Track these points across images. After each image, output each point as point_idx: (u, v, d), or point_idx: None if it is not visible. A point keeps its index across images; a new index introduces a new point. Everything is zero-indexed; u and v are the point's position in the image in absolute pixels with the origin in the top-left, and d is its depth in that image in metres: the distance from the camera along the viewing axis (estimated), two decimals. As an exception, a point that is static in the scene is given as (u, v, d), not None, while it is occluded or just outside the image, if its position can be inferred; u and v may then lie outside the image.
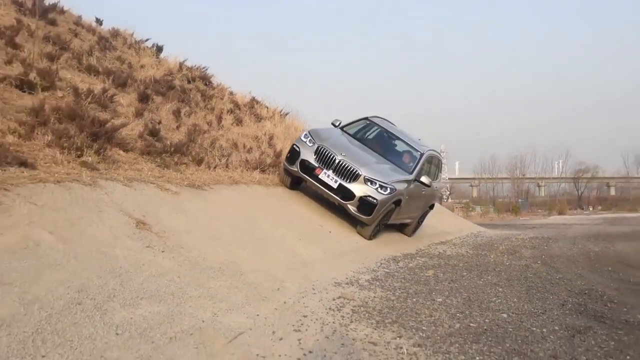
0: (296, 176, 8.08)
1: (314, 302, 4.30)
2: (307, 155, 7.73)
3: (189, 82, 10.97)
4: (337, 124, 8.98)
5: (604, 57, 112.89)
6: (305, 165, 7.72)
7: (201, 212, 5.62)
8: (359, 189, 7.40)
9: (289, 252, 5.85)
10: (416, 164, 8.62)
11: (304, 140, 7.95)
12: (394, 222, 8.65)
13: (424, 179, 8.42)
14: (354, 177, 7.43)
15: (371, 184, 7.41)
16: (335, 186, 7.47)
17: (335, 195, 7.54)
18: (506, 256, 8.66)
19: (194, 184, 6.23)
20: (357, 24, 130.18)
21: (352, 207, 7.47)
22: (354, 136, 8.84)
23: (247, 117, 11.27)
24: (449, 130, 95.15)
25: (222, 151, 8.31)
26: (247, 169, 8.36)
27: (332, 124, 8.99)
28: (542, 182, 73.59)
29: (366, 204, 7.38)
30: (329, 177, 7.50)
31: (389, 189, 7.46)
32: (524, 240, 12.16)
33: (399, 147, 9.20)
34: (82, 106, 6.05)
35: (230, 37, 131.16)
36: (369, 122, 9.41)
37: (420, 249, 8.77)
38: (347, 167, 7.45)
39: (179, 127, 8.18)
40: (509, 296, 5.38)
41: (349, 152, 7.74)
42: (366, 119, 9.47)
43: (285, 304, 4.09)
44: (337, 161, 7.50)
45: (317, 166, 7.62)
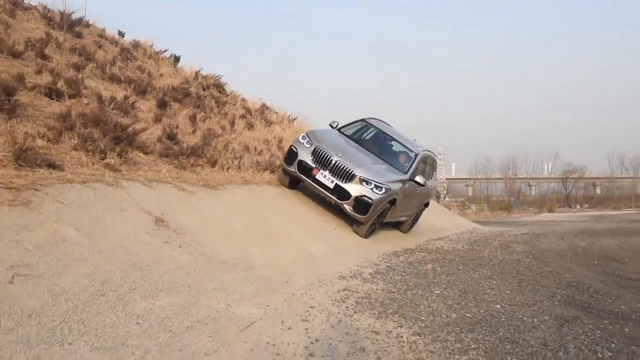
0: (294, 176, 7.86)
1: (320, 294, 4.29)
2: (305, 156, 7.48)
3: (204, 90, 10.98)
4: (334, 126, 8.72)
5: (592, 66, 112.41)
6: (302, 165, 7.47)
7: (215, 210, 5.63)
8: (354, 189, 7.16)
9: (297, 248, 5.84)
10: (411, 164, 8.34)
11: (302, 141, 7.70)
12: (389, 220, 8.44)
13: (419, 178, 8.17)
14: (349, 177, 7.19)
15: (366, 184, 7.18)
16: (331, 186, 7.24)
17: (331, 195, 7.30)
18: (499, 251, 8.59)
19: (208, 184, 6.24)
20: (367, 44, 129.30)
21: (348, 207, 7.23)
22: (350, 137, 8.57)
23: (257, 122, 11.28)
24: (447, 136, 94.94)
25: (235, 153, 8.32)
26: (257, 170, 8.36)
27: (330, 125, 8.73)
28: (532, 182, 73.16)
29: (362, 204, 7.14)
30: (325, 177, 7.27)
31: (384, 188, 7.24)
32: (516, 236, 12.06)
33: (395, 147, 8.87)
34: (106, 112, 6.09)
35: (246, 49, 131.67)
36: (365, 124, 9.11)
37: (419, 245, 8.73)
38: (343, 167, 7.22)
39: (194, 132, 8.19)
40: (502, 288, 5.34)
41: (345, 153, 7.50)
42: (363, 120, 9.16)
43: (293, 296, 4.10)
44: (333, 162, 7.25)
45: (314, 167, 7.35)
